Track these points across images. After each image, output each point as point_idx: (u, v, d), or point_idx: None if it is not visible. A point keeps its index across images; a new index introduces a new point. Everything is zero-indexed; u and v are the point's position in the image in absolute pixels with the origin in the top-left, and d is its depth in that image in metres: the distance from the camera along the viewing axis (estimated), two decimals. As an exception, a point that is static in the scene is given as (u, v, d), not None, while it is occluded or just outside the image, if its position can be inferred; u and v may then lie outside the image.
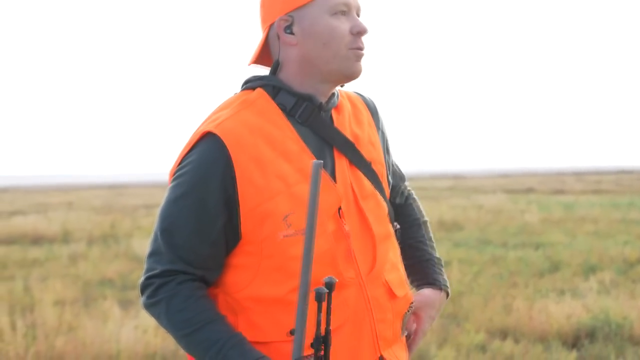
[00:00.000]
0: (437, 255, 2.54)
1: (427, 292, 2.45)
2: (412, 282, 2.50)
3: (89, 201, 40.19)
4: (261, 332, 2.13)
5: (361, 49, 2.21)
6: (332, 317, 1.98)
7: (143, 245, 15.37)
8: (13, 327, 8.02)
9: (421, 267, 2.50)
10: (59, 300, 9.94)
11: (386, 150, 2.46)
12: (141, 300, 2.19)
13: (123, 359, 6.95)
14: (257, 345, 2.11)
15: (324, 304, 1.89)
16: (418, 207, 2.61)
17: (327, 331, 1.92)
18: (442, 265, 2.53)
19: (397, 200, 2.55)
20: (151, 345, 7.25)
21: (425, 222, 2.58)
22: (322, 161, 1.89)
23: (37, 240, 18.65)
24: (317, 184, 1.85)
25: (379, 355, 2.24)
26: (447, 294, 2.49)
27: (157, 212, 2.17)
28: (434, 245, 2.56)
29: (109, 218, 24.89)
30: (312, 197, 1.86)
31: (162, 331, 7.70)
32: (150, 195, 47.70)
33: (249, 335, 2.12)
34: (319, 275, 2.04)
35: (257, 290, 2.13)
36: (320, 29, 2.18)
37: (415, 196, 2.62)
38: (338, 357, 2.12)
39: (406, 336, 2.42)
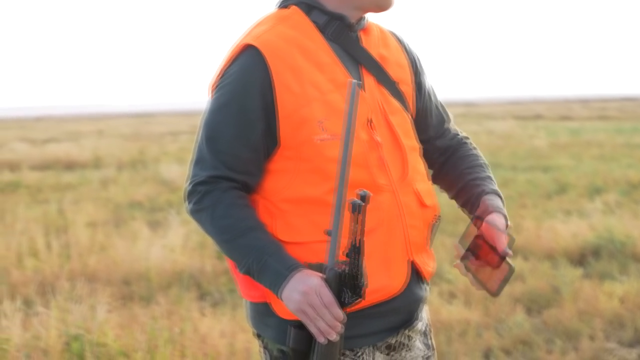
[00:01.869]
0: (496, 188, 2.41)
1: (485, 197, 2.34)
2: (471, 211, 2.35)
3: (118, 129, 40.26)
4: (298, 233, 2.14)
5: None
6: (365, 220, 2.00)
7: (170, 169, 15.41)
8: (48, 247, 8.09)
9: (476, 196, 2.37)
10: (91, 222, 10.00)
11: (422, 75, 2.40)
12: (186, 207, 2.20)
13: (152, 276, 7.00)
14: (294, 245, 2.13)
15: (357, 215, 1.92)
16: (473, 150, 2.46)
17: (361, 242, 1.95)
18: (500, 197, 2.39)
19: (440, 142, 2.43)
20: (178, 263, 7.30)
21: (483, 165, 2.44)
22: (359, 81, 1.96)
23: (70, 166, 18.75)
24: (355, 103, 1.93)
25: (411, 260, 2.23)
26: (501, 198, 2.38)
27: (200, 122, 2.20)
28: (495, 184, 2.43)
29: (137, 145, 24.96)
30: (349, 116, 1.94)
31: (189, 250, 7.74)
32: (175, 123, 47.74)
33: (287, 236, 2.14)
34: (354, 179, 2.05)
35: (295, 192, 2.15)
36: None
37: (466, 141, 2.47)
38: (372, 257, 2.13)
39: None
